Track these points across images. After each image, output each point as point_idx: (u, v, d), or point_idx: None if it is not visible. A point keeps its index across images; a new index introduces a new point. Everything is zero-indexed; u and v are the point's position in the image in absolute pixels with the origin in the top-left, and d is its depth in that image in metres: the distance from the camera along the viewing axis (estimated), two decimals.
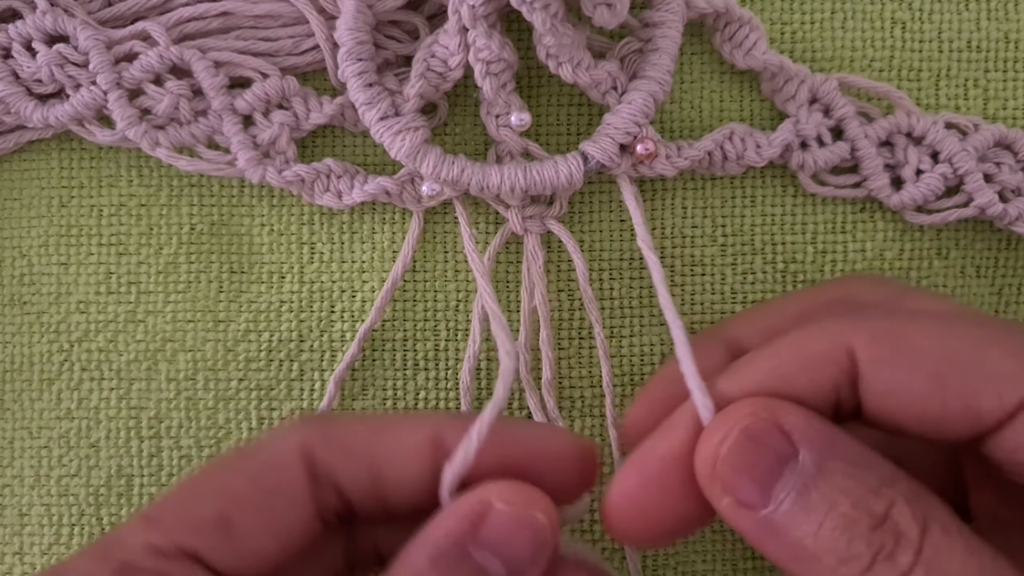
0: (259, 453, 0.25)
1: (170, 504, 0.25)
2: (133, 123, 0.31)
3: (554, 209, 0.32)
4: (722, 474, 0.23)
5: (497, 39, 0.29)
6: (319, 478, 0.25)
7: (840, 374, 0.24)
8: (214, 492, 0.25)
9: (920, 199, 0.32)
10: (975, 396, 0.23)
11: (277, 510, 0.25)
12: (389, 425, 0.26)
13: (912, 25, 0.33)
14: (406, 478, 0.25)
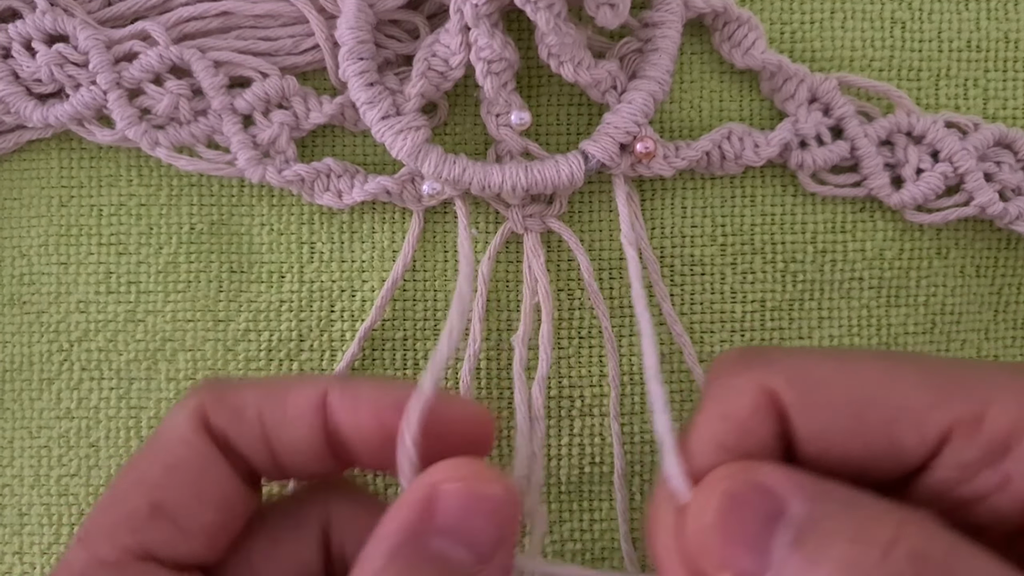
0: (162, 436, 0.26)
1: (99, 514, 0.25)
2: (133, 123, 0.31)
3: (554, 208, 0.32)
4: (714, 546, 0.22)
5: (499, 38, 0.29)
6: (218, 442, 0.25)
7: (776, 424, 0.23)
8: (136, 486, 0.25)
9: (920, 198, 0.32)
10: (896, 433, 0.23)
11: (201, 482, 0.25)
12: (277, 388, 0.26)
13: (912, 25, 0.33)
14: (295, 440, 0.25)
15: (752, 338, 0.34)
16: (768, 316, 0.34)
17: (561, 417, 0.34)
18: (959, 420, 0.22)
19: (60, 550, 0.34)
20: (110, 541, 0.24)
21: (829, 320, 0.34)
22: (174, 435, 0.25)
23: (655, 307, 0.33)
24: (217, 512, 0.25)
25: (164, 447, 0.25)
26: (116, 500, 0.25)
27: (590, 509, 0.34)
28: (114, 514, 0.24)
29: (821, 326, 0.34)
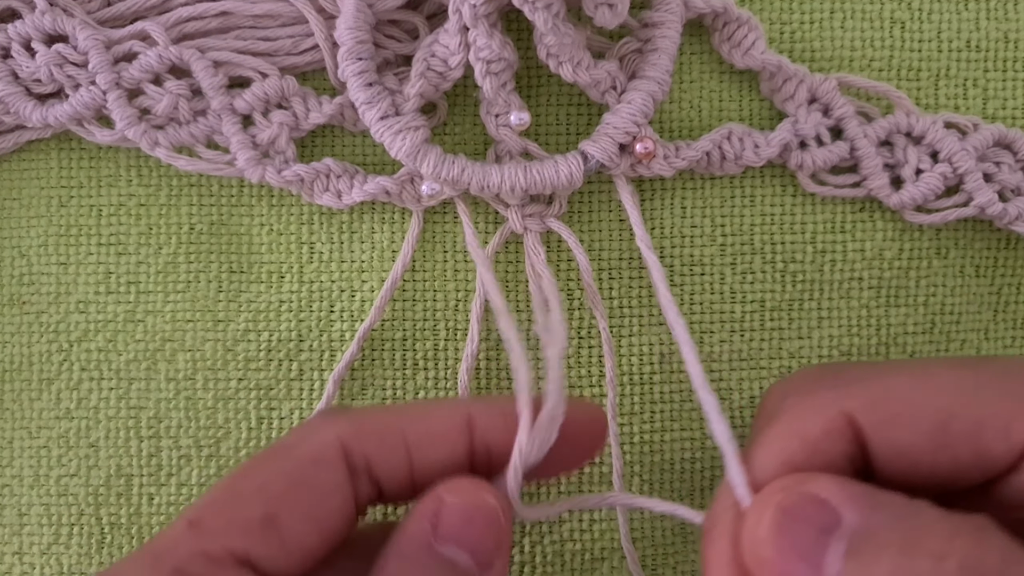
0: (296, 449, 0.26)
1: (214, 506, 0.25)
2: (132, 123, 0.31)
3: (553, 208, 0.32)
4: (769, 560, 0.22)
5: (498, 38, 0.29)
6: (356, 469, 0.26)
7: (850, 445, 0.24)
8: (257, 492, 0.25)
9: (920, 198, 0.32)
10: (983, 443, 0.23)
11: (320, 505, 0.25)
12: (422, 412, 0.27)
13: (911, 25, 0.33)
14: (440, 461, 0.26)
15: (752, 338, 0.34)
16: (768, 316, 0.34)
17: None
18: None
19: (60, 550, 0.34)
20: (220, 539, 0.24)
21: (829, 320, 0.34)
22: (310, 452, 0.25)
23: (655, 307, 0.33)
24: (324, 538, 0.25)
25: (296, 461, 0.25)
26: (234, 499, 0.25)
27: (589, 510, 0.34)
28: (229, 513, 0.25)
29: (821, 326, 0.34)
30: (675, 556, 0.34)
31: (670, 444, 0.34)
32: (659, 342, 0.34)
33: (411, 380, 0.34)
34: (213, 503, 0.25)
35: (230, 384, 0.33)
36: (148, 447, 0.34)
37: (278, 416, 0.33)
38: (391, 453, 0.26)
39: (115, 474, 0.34)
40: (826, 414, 0.24)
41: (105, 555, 0.34)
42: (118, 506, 0.34)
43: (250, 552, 0.24)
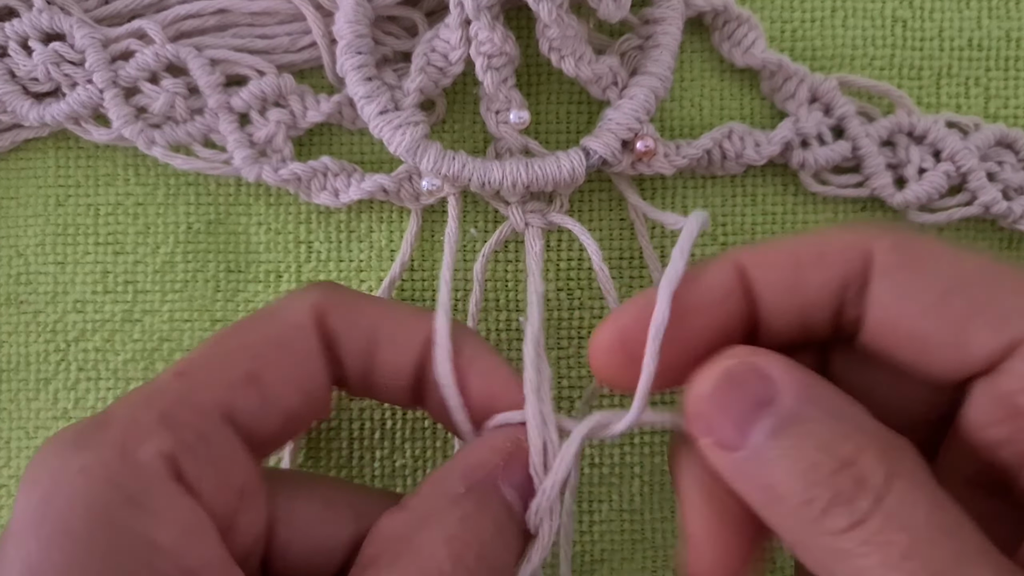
0: (277, 314, 0.27)
1: (202, 360, 0.26)
2: (129, 121, 0.31)
3: (554, 207, 0.32)
4: (705, 412, 0.24)
5: (500, 32, 0.29)
6: (327, 341, 0.27)
7: (852, 273, 0.25)
8: (242, 350, 0.26)
9: (924, 197, 0.32)
10: (972, 324, 0.23)
11: (299, 367, 0.27)
12: (394, 312, 0.28)
13: (913, 23, 0.33)
14: (395, 364, 0.27)
15: None
16: None
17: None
18: None
19: None
20: (207, 390, 0.25)
21: None
22: (288, 317, 0.27)
23: None
24: (302, 400, 0.27)
25: (275, 325, 0.27)
26: (221, 356, 0.26)
27: (589, 511, 0.34)
28: (216, 368, 0.26)
29: None
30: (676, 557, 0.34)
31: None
32: None
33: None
34: (201, 358, 0.26)
35: None
36: None
37: None
38: (357, 338, 0.27)
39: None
40: (854, 235, 0.25)
41: None
42: None
43: (234, 406, 0.25)
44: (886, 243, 0.25)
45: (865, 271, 0.25)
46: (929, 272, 0.24)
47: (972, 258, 0.25)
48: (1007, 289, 0.24)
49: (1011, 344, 0.23)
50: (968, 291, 0.24)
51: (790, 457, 0.22)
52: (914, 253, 0.24)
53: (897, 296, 0.24)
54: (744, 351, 0.24)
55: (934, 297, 0.24)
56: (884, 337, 0.25)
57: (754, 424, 0.23)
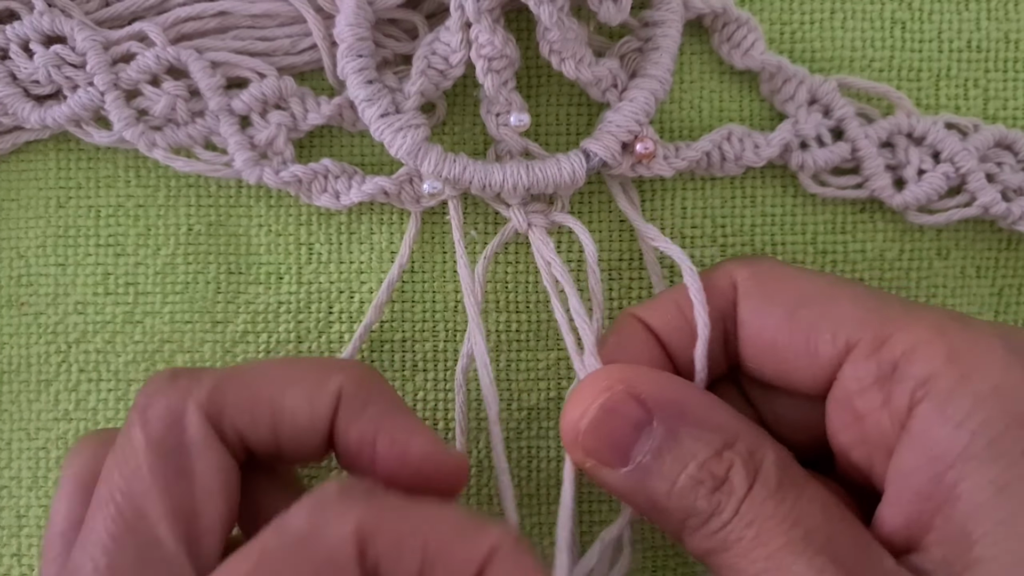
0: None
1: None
2: (130, 124, 0.31)
3: (555, 209, 0.32)
4: (584, 443, 0.26)
5: (500, 35, 0.29)
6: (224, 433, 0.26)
7: (725, 305, 0.28)
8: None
9: (923, 199, 0.32)
10: (815, 333, 0.27)
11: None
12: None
13: (912, 25, 0.33)
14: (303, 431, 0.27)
15: None
16: None
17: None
18: (867, 336, 0.26)
19: None
20: None
21: None
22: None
23: None
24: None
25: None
26: None
27: (589, 511, 0.34)
28: None
29: None
30: (675, 558, 0.34)
31: None
32: None
33: (410, 382, 0.33)
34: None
35: None
36: None
37: None
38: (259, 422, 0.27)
39: None
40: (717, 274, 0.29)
41: None
42: None
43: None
44: (745, 272, 0.28)
45: (734, 298, 0.28)
46: (780, 292, 0.28)
47: (818, 278, 0.28)
48: (844, 300, 0.27)
49: (846, 348, 0.26)
50: (812, 305, 0.27)
51: (671, 475, 0.25)
52: (768, 277, 0.28)
53: (756, 316, 0.28)
54: (617, 374, 0.27)
55: (784, 313, 0.27)
56: (754, 356, 0.28)
57: (634, 446, 0.26)
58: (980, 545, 0.23)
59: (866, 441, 0.26)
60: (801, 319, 0.27)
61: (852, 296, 0.27)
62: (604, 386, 0.26)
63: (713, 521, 0.25)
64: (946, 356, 0.25)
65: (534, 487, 0.34)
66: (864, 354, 0.26)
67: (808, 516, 0.25)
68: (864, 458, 0.27)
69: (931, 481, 0.24)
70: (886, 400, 0.26)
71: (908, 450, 0.25)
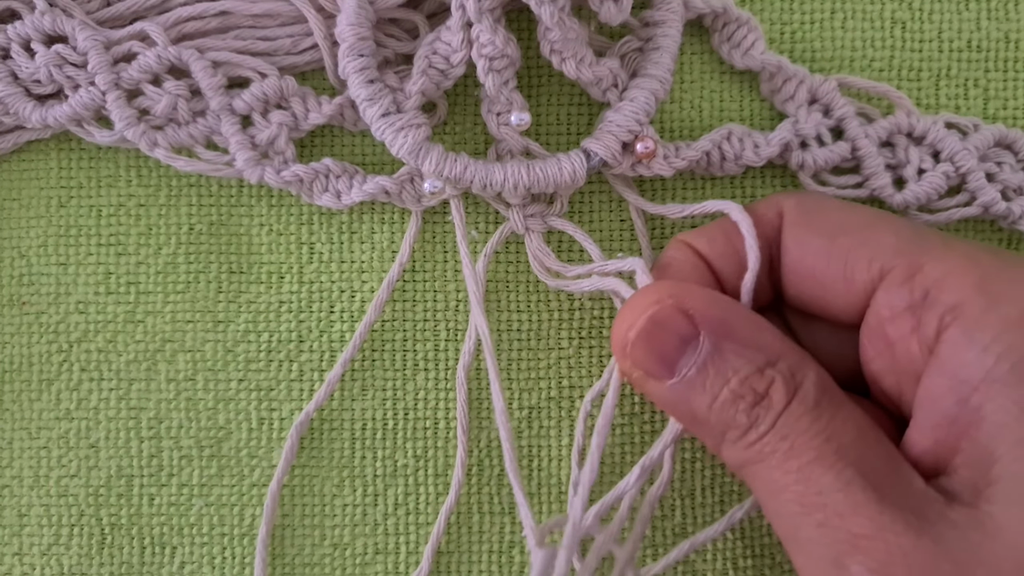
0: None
1: None
2: (131, 123, 0.31)
3: (555, 208, 0.32)
4: (632, 354, 0.27)
5: (501, 34, 0.29)
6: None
7: (771, 233, 0.29)
8: None
9: (923, 198, 0.32)
10: (852, 260, 0.27)
11: None
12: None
13: (912, 25, 0.33)
14: None
15: None
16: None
17: (561, 417, 0.34)
18: (901, 264, 0.27)
19: (60, 551, 0.34)
20: None
21: None
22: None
23: None
24: None
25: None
26: None
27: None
28: None
29: None
30: None
31: None
32: None
33: (411, 381, 0.34)
34: None
35: (230, 385, 0.33)
36: (149, 448, 0.34)
37: (279, 417, 0.33)
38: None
39: (115, 475, 0.34)
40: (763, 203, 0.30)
41: (106, 555, 0.33)
42: (119, 507, 0.34)
43: None
44: (791, 202, 0.29)
45: (779, 226, 0.29)
46: (822, 220, 0.28)
47: (862, 210, 0.29)
48: (882, 230, 0.28)
49: (880, 275, 0.27)
50: (852, 233, 0.28)
51: (716, 389, 0.26)
52: (813, 207, 0.29)
53: (799, 243, 0.29)
54: (667, 289, 0.28)
55: (825, 240, 0.28)
56: (796, 283, 0.29)
57: (680, 359, 0.27)
58: (1000, 464, 0.24)
59: (896, 368, 0.27)
60: (840, 246, 0.28)
61: (891, 227, 0.28)
62: (654, 299, 0.27)
63: (751, 433, 0.26)
64: (976, 284, 0.25)
65: (535, 486, 0.34)
66: (897, 281, 0.27)
67: (841, 433, 0.25)
68: (894, 385, 0.28)
69: (957, 404, 0.25)
70: (916, 326, 0.26)
71: (935, 374, 0.26)
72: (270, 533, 0.33)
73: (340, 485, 0.34)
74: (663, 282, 0.29)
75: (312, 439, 0.34)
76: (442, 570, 0.34)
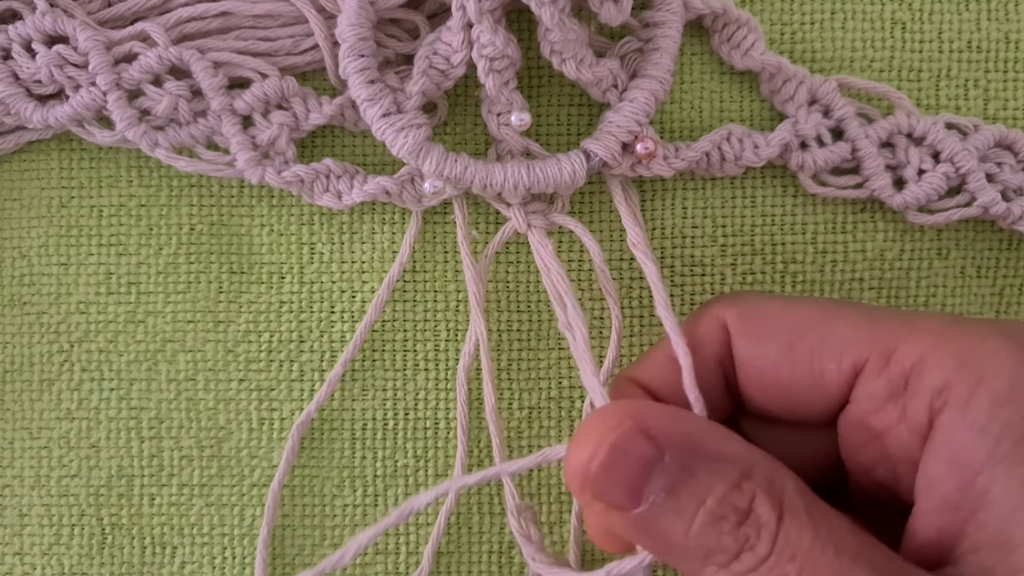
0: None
1: None
2: (132, 124, 0.31)
3: (555, 208, 0.32)
4: (595, 487, 0.25)
5: (502, 35, 0.29)
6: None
7: (721, 348, 0.27)
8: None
9: (923, 198, 0.32)
10: (818, 361, 0.26)
11: None
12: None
13: (912, 26, 0.33)
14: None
15: None
16: None
17: (561, 417, 0.34)
18: (873, 355, 0.25)
19: (61, 550, 0.34)
20: None
21: None
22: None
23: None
24: None
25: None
26: None
27: None
28: None
29: None
30: None
31: None
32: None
33: (411, 381, 0.34)
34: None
35: (231, 385, 0.33)
36: (149, 448, 0.34)
37: (279, 417, 0.33)
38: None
39: (116, 475, 0.34)
40: (705, 319, 0.28)
41: (106, 555, 0.34)
42: (119, 507, 0.34)
43: None
44: (733, 313, 0.27)
45: (728, 341, 0.27)
46: (770, 326, 0.27)
47: (806, 305, 0.27)
48: (840, 324, 0.26)
49: (853, 370, 0.26)
50: (806, 335, 0.26)
51: (691, 512, 0.24)
52: (756, 314, 0.27)
53: (753, 356, 0.27)
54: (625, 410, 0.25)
55: (781, 348, 0.26)
56: (757, 395, 0.27)
57: (646, 484, 0.24)
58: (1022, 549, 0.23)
59: (888, 457, 0.26)
60: (800, 352, 0.26)
61: (845, 318, 0.27)
62: (613, 424, 0.25)
63: (746, 558, 0.24)
64: (956, 362, 0.24)
65: (535, 486, 0.34)
66: (873, 373, 0.25)
67: (844, 541, 0.24)
68: (888, 474, 0.26)
69: (960, 489, 0.24)
70: (903, 414, 0.25)
71: (934, 461, 0.24)
72: (271, 533, 0.33)
73: (340, 485, 0.34)
74: (621, 402, 0.26)
75: (312, 439, 0.34)
76: (442, 570, 0.34)
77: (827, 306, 0.27)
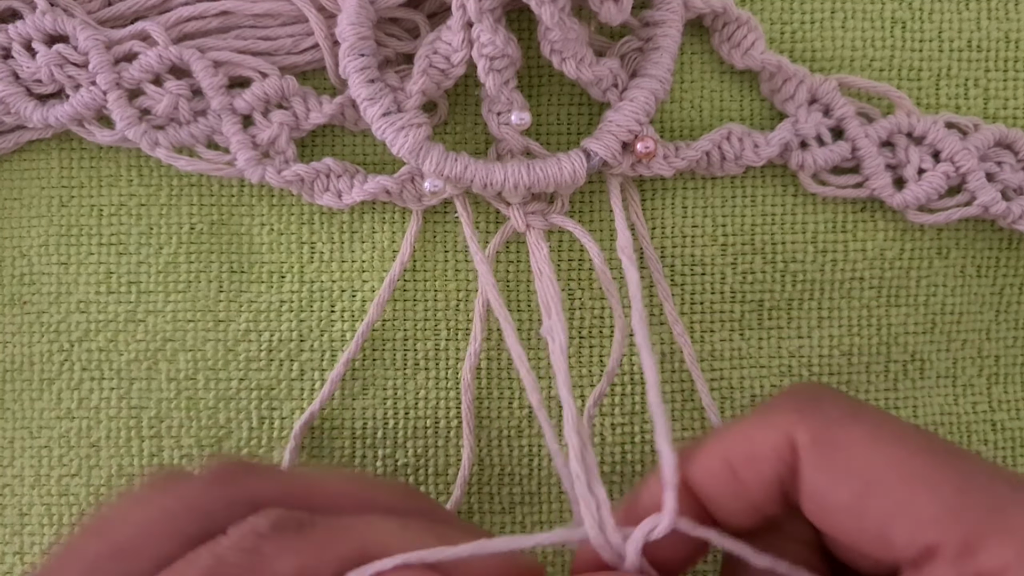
0: None
1: None
2: (132, 123, 0.31)
3: (555, 208, 0.32)
4: None
5: (502, 34, 0.29)
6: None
7: (784, 468, 0.25)
8: None
9: (923, 198, 0.32)
10: (890, 528, 0.23)
11: None
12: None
13: (912, 25, 0.33)
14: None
15: (751, 337, 0.34)
16: (767, 316, 0.34)
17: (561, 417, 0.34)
18: (951, 543, 0.22)
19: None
20: None
21: (829, 320, 0.34)
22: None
23: (657, 306, 0.33)
24: None
25: None
26: None
27: None
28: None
29: (821, 326, 0.34)
30: None
31: None
32: (660, 341, 0.34)
33: (412, 380, 0.34)
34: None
35: (231, 384, 0.34)
36: (150, 447, 0.34)
37: (279, 416, 0.34)
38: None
39: (116, 474, 0.34)
40: (775, 434, 0.25)
41: None
42: None
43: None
44: (806, 438, 0.24)
45: (795, 464, 0.25)
46: (847, 466, 0.24)
47: (892, 446, 0.24)
48: (924, 493, 0.23)
49: (928, 550, 0.23)
50: (887, 493, 0.24)
51: None
52: (835, 447, 0.24)
53: (822, 494, 0.24)
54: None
55: (853, 496, 0.24)
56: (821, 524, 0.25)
57: None
58: None
59: None
60: (873, 509, 0.24)
61: (932, 487, 0.23)
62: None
63: None
64: None
65: (535, 486, 0.34)
66: (946, 561, 0.23)
67: None
68: None
69: None
70: None
71: None
72: None
73: None
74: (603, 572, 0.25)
75: (313, 438, 0.34)
76: None
77: (914, 455, 0.24)
